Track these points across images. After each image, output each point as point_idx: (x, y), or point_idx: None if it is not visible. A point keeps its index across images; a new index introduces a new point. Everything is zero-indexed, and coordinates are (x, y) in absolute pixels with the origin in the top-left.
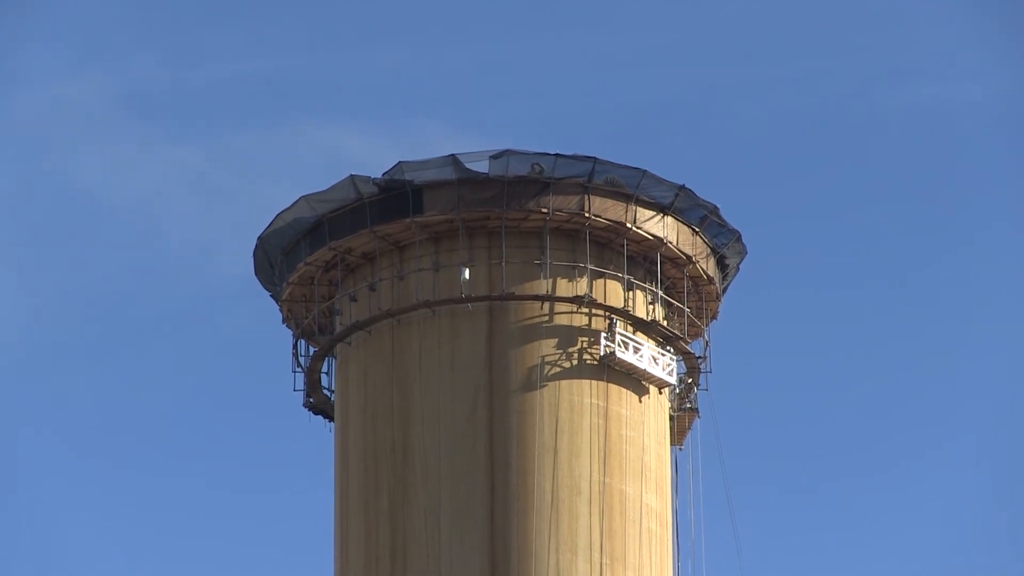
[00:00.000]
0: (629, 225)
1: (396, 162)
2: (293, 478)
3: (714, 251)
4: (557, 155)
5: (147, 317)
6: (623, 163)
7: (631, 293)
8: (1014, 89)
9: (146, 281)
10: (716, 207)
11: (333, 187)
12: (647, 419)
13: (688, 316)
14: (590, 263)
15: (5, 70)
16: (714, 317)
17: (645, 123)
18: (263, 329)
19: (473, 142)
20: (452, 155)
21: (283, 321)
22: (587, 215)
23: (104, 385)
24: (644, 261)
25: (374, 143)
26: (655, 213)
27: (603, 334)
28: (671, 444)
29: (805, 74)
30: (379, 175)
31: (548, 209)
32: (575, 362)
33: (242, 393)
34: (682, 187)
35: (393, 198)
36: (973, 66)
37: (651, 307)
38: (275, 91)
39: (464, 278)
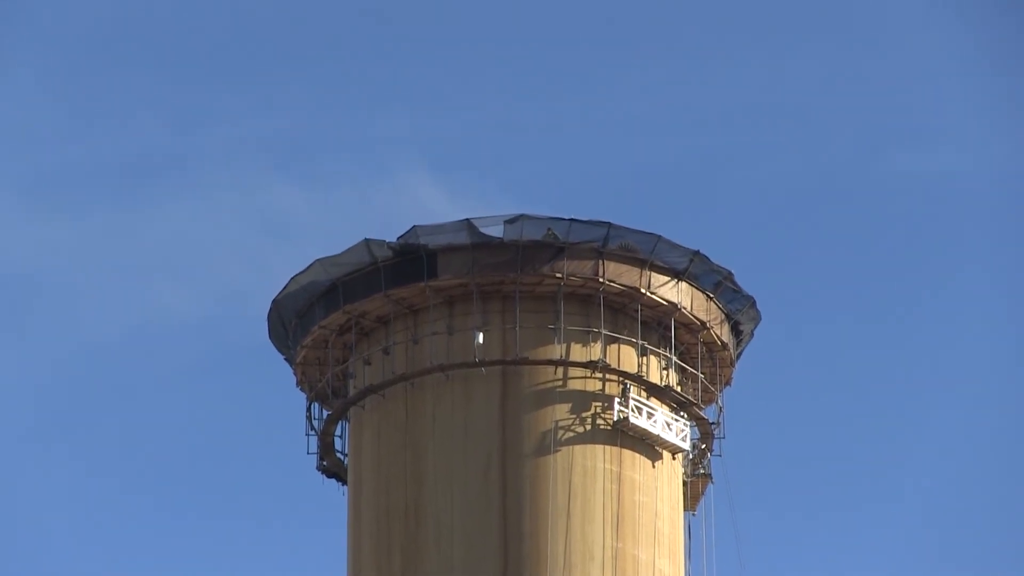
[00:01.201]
0: (643, 290)
1: (410, 226)
2: (305, 541)
3: (728, 317)
4: (572, 220)
5: (160, 379)
6: (637, 228)
7: (645, 358)
8: (1016, 155)
9: (160, 343)
10: (731, 272)
11: (347, 251)
12: (660, 484)
13: (702, 382)
14: (604, 328)
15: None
16: (728, 383)
17: (659, 188)
18: (277, 392)
19: (486, 207)
20: (467, 219)
21: (297, 384)
22: (601, 280)
23: (116, 447)
24: (658, 326)
25: (386, 206)
26: (669, 278)
27: (617, 399)
28: (684, 509)
29: (816, 139)
30: (393, 239)
31: (562, 274)
32: (588, 427)
33: (255, 456)
34: (696, 252)
35: (407, 262)
36: (975, 134)
37: (665, 372)
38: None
39: (478, 342)
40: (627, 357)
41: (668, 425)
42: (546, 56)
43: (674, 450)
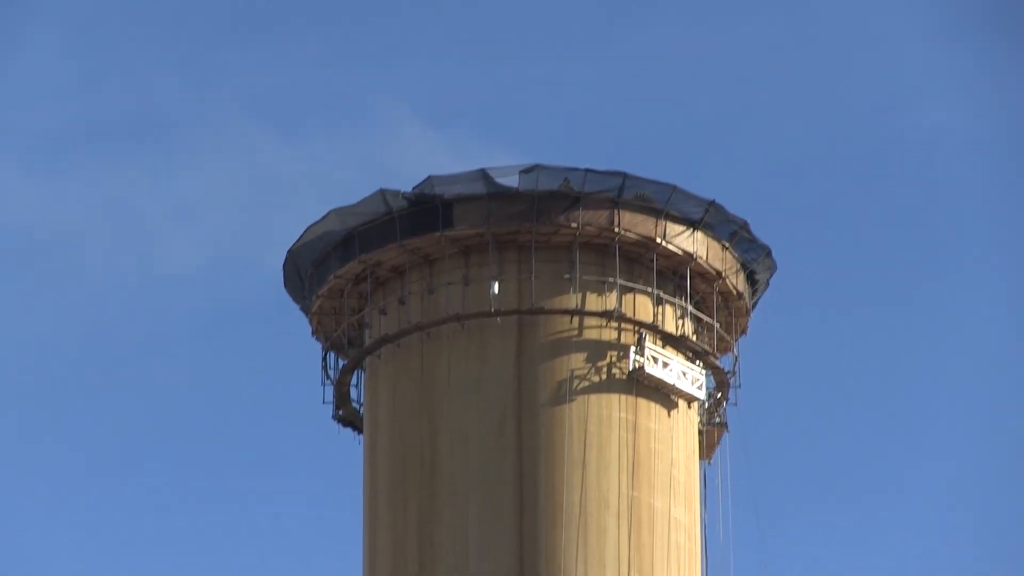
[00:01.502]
0: (659, 240)
1: (426, 176)
2: (321, 490)
3: (744, 266)
4: (587, 170)
5: (173, 331)
6: (653, 178)
7: (660, 308)
8: None
9: (172, 296)
10: (746, 222)
11: (363, 201)
12: (676, 433)
13: (717, 331)
14: (620, 278)
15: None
16: (743, 332)
17: (674, 139)
18: (292, 343)
19: (502, 157)
20: (482, 169)
21: (312, 334)
22: (617, 230)
23: (130, 399)
24: (674, 276)
25: (402, 157)
26: (685, 228)
27: (632, 349)
28: (700, 458)
29: (833, 91)
30: (409, 189)
31: (578, 224)
32: (604, 376)
33: (271, 406)
34: (712, 202)
35: (423, 212)
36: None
37: (680, 322)
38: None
39: (493, 292)
40: (642, 307)
41: (684, 374)
42: (558, 6)
43: (690, 399)
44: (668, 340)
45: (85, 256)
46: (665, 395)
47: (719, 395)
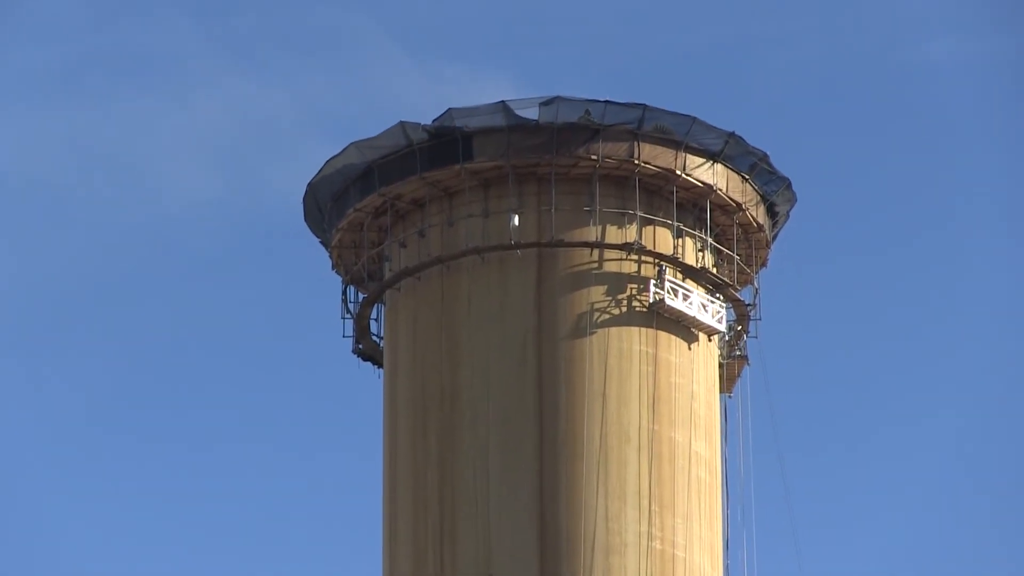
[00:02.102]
0: (679, 172)
1: (446, 109)
2: (342, 424)
3: (764, 199)
4: (607, 102)
5: (191, 265)
6: (673, 110)
7: (680, 240)
8: None
9: (189, 230)
10: (766, 154)
11: (383, 134)
12: (696, 366)
13: (738, 264)
14: (639, 210)
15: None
16: (764, 265)
17: (694, 70)
18: (312, 276)
19: (521, 90)
20: (502, 102)
21: (332, 267)
22: (637, 162)
23: (149, 331)
24: (694, 208)
25: (422, 89)
26: (705, 160)
27: (652, 281)
28: (720, 392)
29: (852, 21)
30: (428, 121)
31: (598, 156)
32: (624, 309)
33: (291, 339)
34: (732, 134)
35: (443, 144)
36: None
37: (701, 254)
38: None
39: (513, 224)
40: (662, 239)
41: (704, 307)
42: None
43: (710, 332)
44: (688, 273)
45: (95, 190)
46: (685, 328)
47: (739, 328)
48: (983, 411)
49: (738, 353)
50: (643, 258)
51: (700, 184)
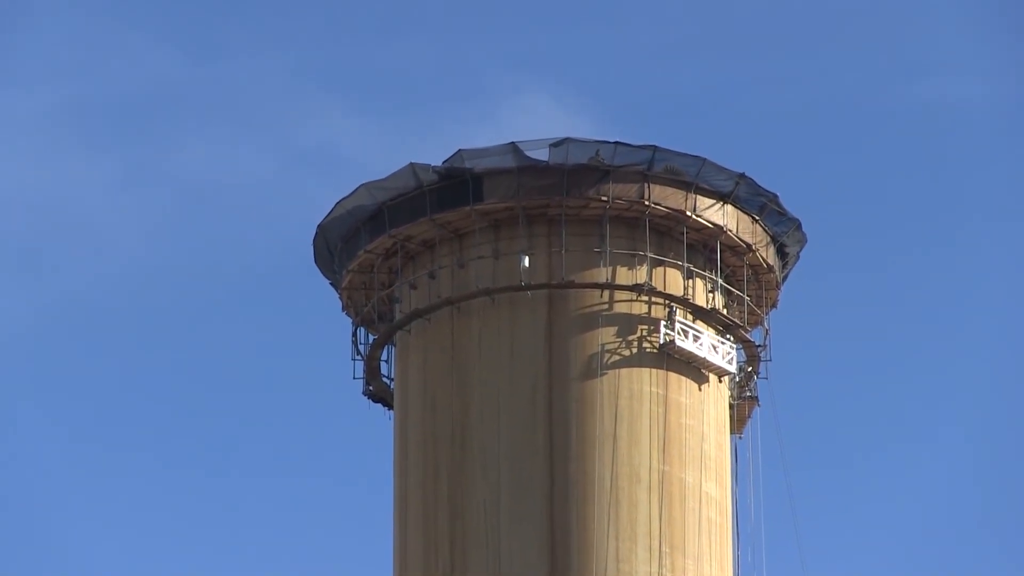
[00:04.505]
0: (689, 213)
1: (456, 150)
2: (352, 466)
3: (774, 239)
4: (617, 143)
5: (205, 305)
6: (683, 151)
7: (691, 281)
8: None
9: (204, 267)
10: (776, 195)
11: (393, 175)
12: (707, 407)
13: (748, 304)
14: (650, 251)
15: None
16: (774, 305)
17: (704, 112)
18: (323, 318)
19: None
20: (512, 143)
21: (343, 309)
22: (647, 203)
23: (162, 372)
24: (704, 249)
25: (432, 132)
26: (715, 201)
27: (663, 322)
28: (731, 432)
29: (863, 63)
30: (439, 163)
31: (608, 197)
32: (635, 350)
33: (301, 381)
34: (742, 175)
35: (453, 186)
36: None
37: (711, 295)
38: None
39: (524, 266)
40: (673, 280)
41: (714, 348)
42: None
43: (720, 373)
44: (699, 313)
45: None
46: (696, 369)
47: (750, 369)
48: (994, 454)
49: (748, 394)
50: (653, 299)
51: (710, 225)
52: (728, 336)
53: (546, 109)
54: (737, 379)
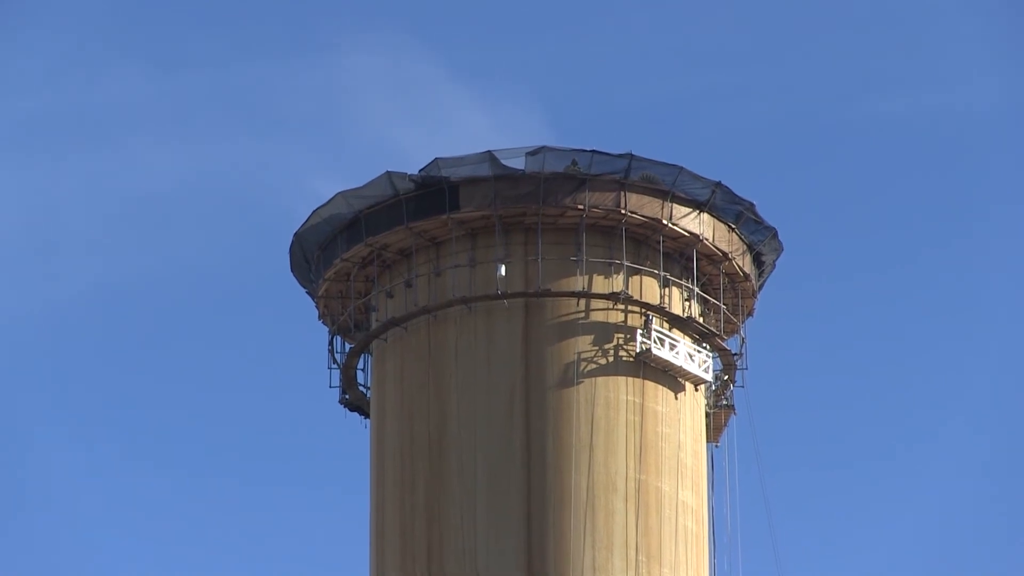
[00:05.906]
0: (665, 222)
1: (432, 159)
2: (328, 475)
3: (750, 248)
4: (593, 152)
5: (180, 315)
6: (659, 160)
7: (667, 290)
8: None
9: (179, 277)
10: (752, 204)
11: (369, 183)
12: (683, 416)
13: (724, 313)
14: (626, 260)
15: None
16: (750, 314)
17: (680, 120)
18: (299, 326)
19: (508, 140)
20: (488, 152)
21: (319, 317)
22: (623, 212)
23: (138, 382)
24: (680, 258)
25: (409, 140)
26: (691, 210)
27: (639, 331)
28: (707, 441)
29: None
30: (415, 171)
31: (584, 206)
32: (611, 359)
33: (277, 389)
34: (718, 183)
35: (429, 194)
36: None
37: (687, 304)
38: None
39: (500, 275)
40: (649, 288)
41: (691, 356)
42: None
43: (697, 381)
44: (675, 322)
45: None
46: (672, 377)
47: (726, 377)
48: (975, 463)
49: (724, 402)
50: (630, 308)
51: (687, 234)
52: (704, 344)
53: (522, 117)
54: (713, 387)
